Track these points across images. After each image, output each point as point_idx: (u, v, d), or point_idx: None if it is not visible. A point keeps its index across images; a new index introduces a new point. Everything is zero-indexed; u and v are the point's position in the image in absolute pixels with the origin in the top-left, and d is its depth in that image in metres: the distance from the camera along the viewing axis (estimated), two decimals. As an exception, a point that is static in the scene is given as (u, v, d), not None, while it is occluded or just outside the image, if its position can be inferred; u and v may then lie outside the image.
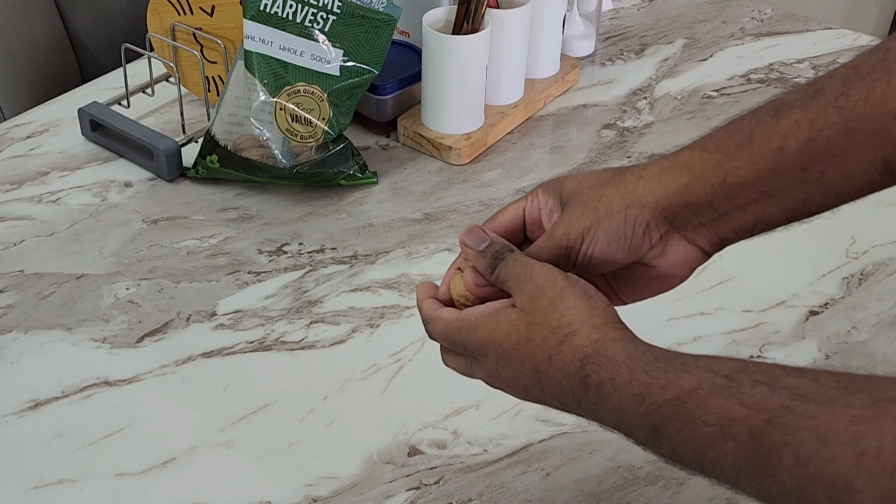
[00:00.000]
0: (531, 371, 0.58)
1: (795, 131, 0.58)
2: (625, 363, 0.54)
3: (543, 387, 0.58)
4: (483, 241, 0.63)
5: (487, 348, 0.60)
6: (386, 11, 0.98)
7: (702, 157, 0.61)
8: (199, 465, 0.77)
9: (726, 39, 1.34)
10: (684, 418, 0.51)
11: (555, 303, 0.58)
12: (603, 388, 0.54)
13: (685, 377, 0.52)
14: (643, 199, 0.62)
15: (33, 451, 0.78)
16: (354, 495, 0.75)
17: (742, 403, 0.49)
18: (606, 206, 0.62)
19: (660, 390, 0.52)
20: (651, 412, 0.52)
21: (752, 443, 0.48)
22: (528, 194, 0.67)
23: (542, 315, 0.58)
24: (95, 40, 1.36)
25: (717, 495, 0.75)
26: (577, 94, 1.22)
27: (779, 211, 0.61)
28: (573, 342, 0.56)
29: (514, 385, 0.60)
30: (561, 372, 0.56)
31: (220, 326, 0.89)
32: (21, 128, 1.13)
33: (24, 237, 0.98)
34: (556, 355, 0.57)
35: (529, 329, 0.58)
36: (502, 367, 0.60)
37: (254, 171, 1.01)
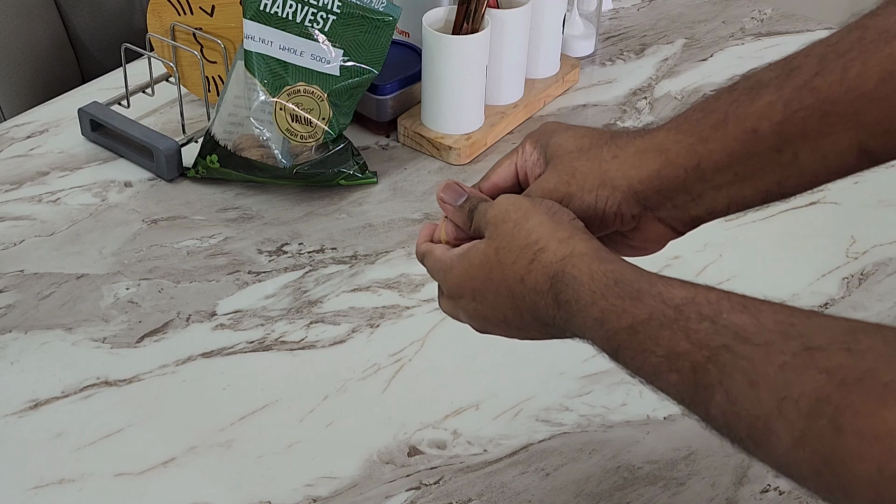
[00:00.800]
0: (507, 297, 0.59)
1: (770, 112, 0.58)
2: (587, 284, 0.55)
3: (522, 312, 0.59)
4: (460, 197, 0.65)
5: (462, 287, 0.61)
6: (386, 11, 0.98)
7: (676, 140, 0.61)
8: (199, 465, 0.77)
9: (726, 39, 1.34)
10: (636, 347, 0.53)
11: (520, 223, 0.59)
12: (570, 307, 0.56)
13: (639, 306, 0.53)
14: (616, 182, 0.62)
15: (33, 451, 0.78)
16: (354, 495, 0.75)
17: (687, 338, 0.51)
18: (579, 183, 0.63)
19: (616, 318, 0.54)
20: (609, 337, 0.54)
21: (693, 377, 0.50)
22: (518, 146, 0.68)
23: (509, 238, 0.59)
24: (95, 40, 1.36)
25: (717, 495, 0.75)
26: (577, 94, 1.22)
27: (753, 192, 0.60)
28: (542, 259, 0.57)
29: (494, 320, 0.61)
30: (535, 291, 0.58)
31: (220, 326, 0.89)
32: (21, 128, 1.13)
33: (24, 237, 0.98)
34: (527, 275, 0.58)
35: (499, 254, 0.59)
36: (480, 303, 0.61)
37: (254, 171, 1.01)
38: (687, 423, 0.80)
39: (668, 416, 0.81)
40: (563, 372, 0.84)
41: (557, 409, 0.82)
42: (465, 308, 0.63)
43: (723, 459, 0.77)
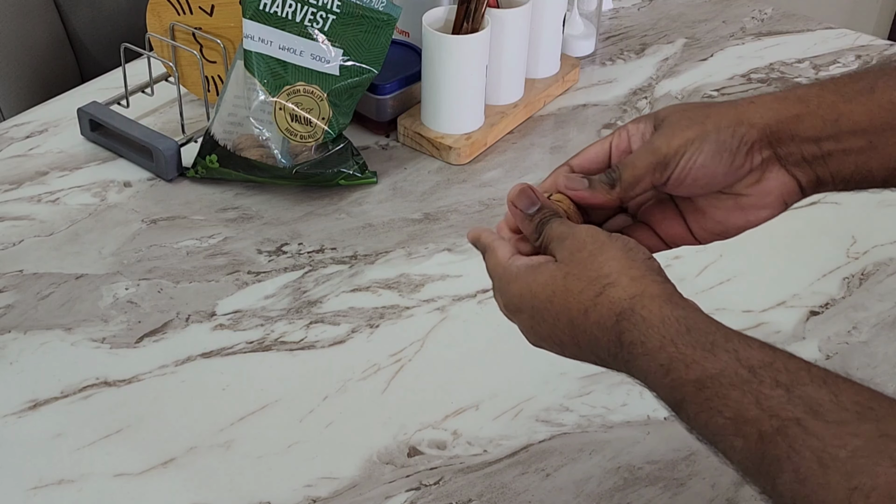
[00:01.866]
0: (567, 325, 0.58)
1: None
2: (657, 327, 0.54)
3: (579, 341, 0.58)
4: (533, 205, 0.62)
5: (523, 301, 0.60)
6: (386, 11, 0.98)
7: (819, 94, 0.61)
8: (198, 465, 0.77)
9: (727, 39, 1.34)
10: (702, 404, 0.51)
11: (594, 255, 0.57)
12: (635, 349, 0.54)
13: (711, 360, 0.52)
14: (752, 120, 0.61)
15: (33, 451, 0.77)
16: (354, 496, 0.75)
17: (758, 404, 0.49)
18: (715, 122, 0.61)
19: (685, 368, 0.52)
20: (674, 387, 0.52)
21: (760, 446, 0.48)
22: (616, 129, 0.66)
23: (580, 266, 0.58)
24: (95, 40, 1.36)
25: (718, 496, 0.75)
26: (577, 94, 1.22)
27: (879, 168, 0.60)
28: (611, 294, 0.56)
29: (549, 340, 0.60)
30: (597, 325, 0.56)
31: (219, 326, 0.88)
32: (20, 127, 1.13)
33: (24, 237, 0.98)
34: (592, 308, 0.56)
35: (567, 280, 0.57)
36: (538, 322, 0.59)
37: (253, 170, 1.01)
38: (687, 424, 0.80)
39: (669, 417, 0.80)
40: (563, 372, 0.84)
41: (558, 409, 0.82)
42: (521, 321, 0.62)
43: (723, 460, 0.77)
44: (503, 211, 1.01)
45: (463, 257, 0.96)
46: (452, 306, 0.91)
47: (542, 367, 0.85)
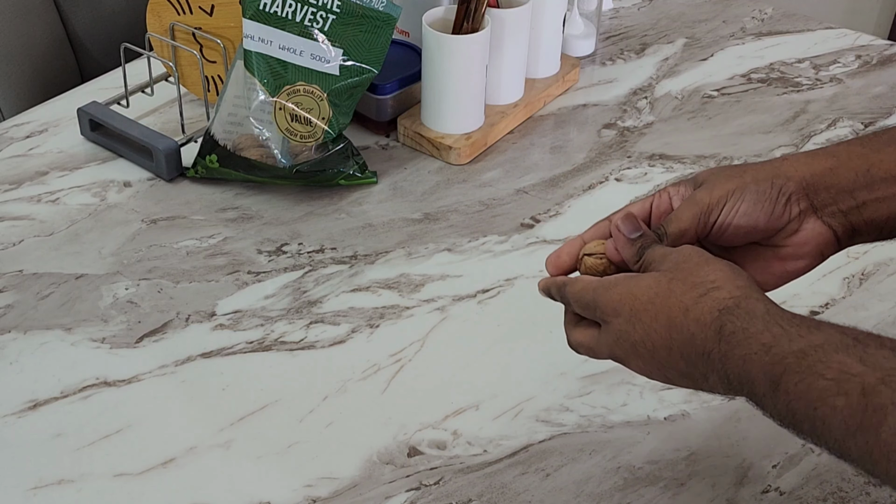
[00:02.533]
0: (664, 325, 0.59)
1: None
2: (762, 316, 0.55)
3: (672, 343, 0.58)
4: (637, 230, 0.65)
5: (622, 304, 0.61)
6: (386, 11, 0.98)
7: (847, 148, 0.65)
8: (198, 465, 0.77)
9: (727, 39, 1.34)
10: (804, 370, 0.52)
11: (700, 265, 0.60)
12: (735, 338, 0.55)
13: (816, 333, 0.53)
14: (788, 173, 0.65)
15: (32, 451, 0.77)
16: (354, 496, 0.74)
17: (862, 361, 0.50)
18: (753, 175, 0.65)
19: (788, 342, 0.53)
20: (775, 362, 0.53)
21: (862, 399, 0.49)
22: (657, 191, 0.69)
23: (685, 273, 0.60)
24: (95, 40, 1.36)
25: (718, 496, 0.75)
26: (577, 94, 1.22)
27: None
28: (715, 295, 0.57)
29: (641, 348, 0.60)
30: (696, 323, 0.57)
31: (219, 326, 0.88)
32: (20, 127, 1.13)
33: (24, 237, 0.98)
34: (693, 306, 0.58)
35: (671, 283, 0.59)
36: (633, 325, 0.60)
37: (253, 170, 1.01)
38: (687, 424, 0.80)
39: (669, 417, 0.81)
40: (563, 372, 0.84)
41: (558, 409, 0.82)
42: (612, 330, 0.62)
43: (723, 460, 0.77)
44: (503, 211, 1.02)
45: (463, 257, 0.96)
46: (452, 306, 0.91)
47: (542, 367, 0.85)
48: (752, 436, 0.79)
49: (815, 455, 0.78)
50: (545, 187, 1.06)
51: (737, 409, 0.82)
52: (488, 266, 0.96)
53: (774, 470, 0.77)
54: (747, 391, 0.56)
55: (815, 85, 1.24)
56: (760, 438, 0.79)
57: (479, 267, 0.96)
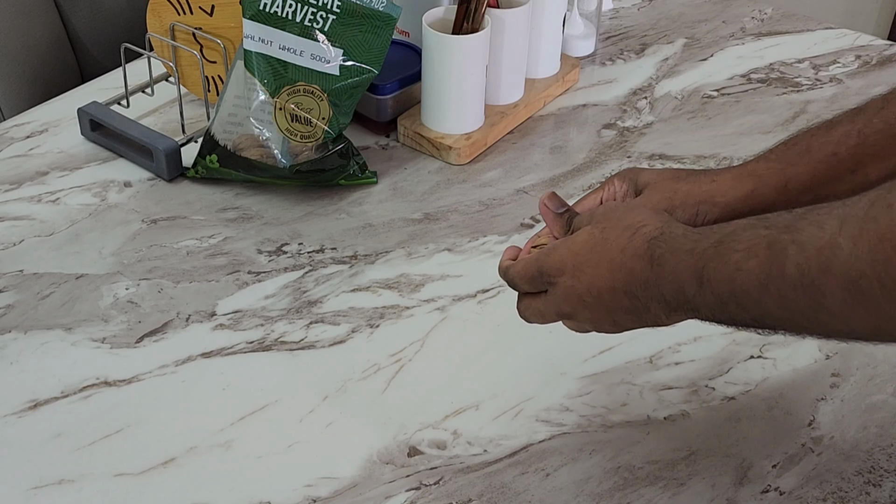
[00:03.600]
0: (606, 269, 0.63)
1: (846, 139, 0.69)
2: (684, 234, 0.61)
3: (615, 283, 0.63)
4: (562, 206, 0.72)
5: (564, 263, 0.65)
6: (386, 11, 0.98)
7: (766, 166, 0.71)
8: (198, 465, 0.77)
9: (726, 39, 1.34)
10: (721, 255, 0.56)
11: (627, 212, 0.65)
12: (664, 258, 0.60)
13: (728, 226, 0.58)
14: (715, 199, 0.71)
15: (33, 451, 0.77)
16: (354, 495, 0.75)
17: (767, 226, 0.55)
18: (681, 200, 0.71)
19: (705, 239, 0.58)
20: (696, 259, 0.58)
21: (769, 252, 0.54)
22: (604, 183, 0.77)
23: (615, 220, 0.65)
24: (95, 40, 1.36)
25: (717, 496, 0.75)
26: (577, 94, 1.22)
27: None
28: (643, 231, 0.63)
29: (588, 298, 0.64)
30: (633, 257, 0.62)
31: (219, 326, 0.88)
32: (20, 127, 1.13)
33: (24, 237, 0.98)
34: (628, 245, 0.62)
35: (604, 232, 0.64)
36: (578, 278, 0.65)
37: (253, 170, 1.01)
38: (687, 424, 0.80)
39: (669, 417, 0.81)
40: (563, 372, 0.84)
41: (558, 409, 0.82)
42: (560, 289, 0.66)
43: (723, 460, 0.77)
44: (503, 211, 1.02)
45: (463, 257, 0.97)
46: (452, 306, 0.91)
47: (542, 367, 0.85)
48: (752, 436, 0.79)
49: (815, 455, 0.78)
50: (545, 187, 1.06)
51: (737, 409, 0.82)
52: (488, 266, 0.96)
53: (774, 470, 0.77)
54: (683, 303, 0.60)
55: (815, 85, 1.24)
56: (760, 438, 0.79)
57: (479, 267, 0.96)
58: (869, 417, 0.81)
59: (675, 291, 0.60)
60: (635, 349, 0.86)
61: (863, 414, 0.81)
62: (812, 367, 0.86)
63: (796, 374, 0.85)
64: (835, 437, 0.79)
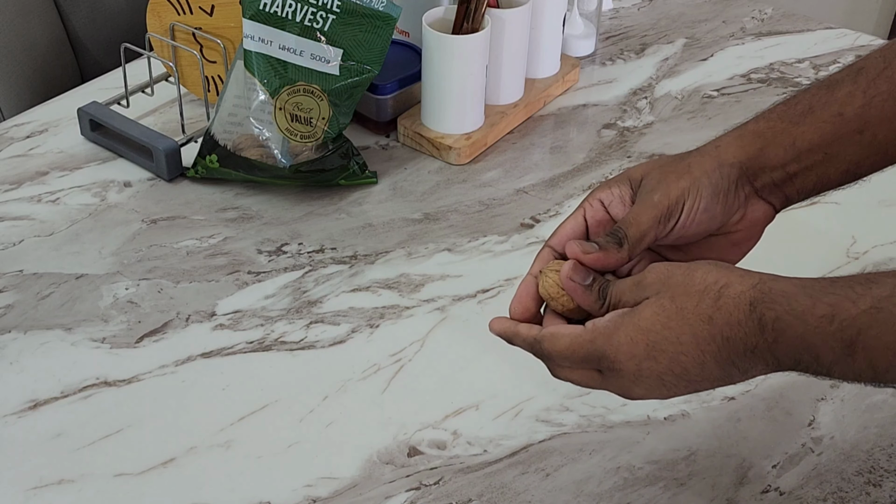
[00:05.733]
0: (690, 343, 0.58)
1: (850, 100, 0.66)
2: (800, 292, 0.55)
3: (705, 357, 0.58)
4: (588, 276, 0.64)
5: (635, 345, 0.59)
6: (386, 11, 0.98)
7: (769, 126, 0.68)
8: (198, 465, 0.77)
9: (727, 39, 1.34)
10: (884, 321, 0.52)
11: (689, 275, 0.59)
12: (781, 322, 0.55)
13: (876, 288, 0.53)
14: (729, 160, 0.67)
15: (33, 451, 0.77)
16: (354, 495, 0.75)
17: None
18: (700, 168, 0.66)
19: (852, 304, 0.53)
20: (844, 328, 0.53)
21: None
22: (583, 202, 0.69)
23: (682, 287, 0.58)
24: (95, 40, 1.36)
25: (717, 496, 0.75)
26: (577, 94, 1.22)
27: (836, 172, 0.67)
28: (730, 293, 0.57)
29: (668, 375, 0.59)
30: (728, 325, 0.56)
31: (219, 326, 0.88)
32: (20, 127, 1.13)
33: (24, 237, 0.98)
34: (716, 313, 0.57)
35: (675, 302, 0.58)
36: (655, 360, 0.59)
37: (253, 170, 1.01)
38: (687, 424, 0.80)
39: (669, 417, 0.81)
40: (563, 372, 0.84)
41: (558, 409, 0.82)
42: (631, 371, 0.60)
43: (723, 460, 0.77)
44: (503, 211, 1.02)
45: (463, 257, 0.97)
46: (452, 306, 0.91)
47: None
48: (752, 436, 0.79)
49: (815, 455, 0.78)
50: (545, 187, 1.06)
51: (737, 409, 0.82)
52: (488, 266, 0.96)
53: (774, 470, 0.77)
54: (804, 366, 0.56)
55: (815, 85, 1.24)
56: (760, 438, 0.79)
57: (479, 267, 0.96)
58: (869, 417, 0.81)
59: (797, 357, 0.55)
60: (635, 349, 0.86)
61: (863, 414, 0.81)
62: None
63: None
64: (835, 437, 0.79)
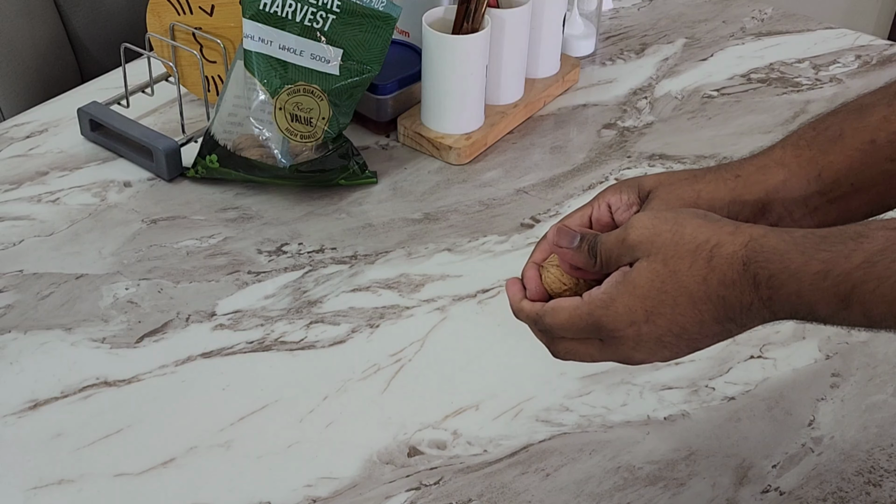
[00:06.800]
0: (687, 304, 0.57)
1: (885, 124, 0.62)
2: (791, 250, 0.54)
3: (703, 316, 0.57)
4: (575, 238, 0.63)
5: (633, 313, 0.59)
6: (385, 11, 0.98)
7: (795, 154, 0.65)
8: (198, 465, 0.77)
9: (726, 39, 1.34)
10: (879, 276, 0.51)
11: (677, 232, 0.58)
12: (776, 280, 0.54)
13: (868, 242, 0.52)
14: (744, 197, 0.64)
15: (33, 451, 0.77)
16: (354, 495, 0.75)
17: None
18: (708, 202, 0.64)
19: (845, 260, 0.52)
20: (838, 283, 0.52)
21: None
22: (593, 200, 0.68)
23: (672, 247, 0.57)
24: (95, 40, 1.36)
25: (717, 496, 0.75)
26: (577, 94, 1.22)
27: (860, 205, 0.64)
28: (722, 252, 0.56)
29: (667, 336, 0.59)
30: (722, 285, 0.56)
31: (219, 326, 0.88)
32: (20, 127, 1.13)
33: (24, 237, 0.98)
34: (710, 273, 0.56)
35: (667, 264, 0.57)
36: (654, 323, 0.58)
37: (253, 170, 1.01)
38: (687, 424, 0.80)
39: (669, 417, 0.81)
40: (563, 372, 0.84)
41: (558, 409, 0.82)
42: (631, 337, 0.60)
43: (723, 460, 0.77)
44: (503, 211, 1.02)
45: (463, 257, 0.97)
46: (452, 306, 0.91)
47: (542, 367, 0.85)
48: (752, 436, 0.79)
49: (815, 455, 0.78)
50: (545, 187, 1.06)
51: (737, 409, 0.82)
52: (488, 266, 0.96)
53: (774, 470, 0.77)
54: (800, 318, 0.55)
55: (815, 85, 1.24)
56: (760, 438, 0.79)
57: (479, 267, 0.96)
58: (869, 417, 0.81)
59: (793, 311, 0.55)
60: (635, 349, 0.86)
61: (863, 414, 0.81)
62: (812, 367, 0.86)
63: (796, 374, 0.85)
64: (835, 437, 0.79)
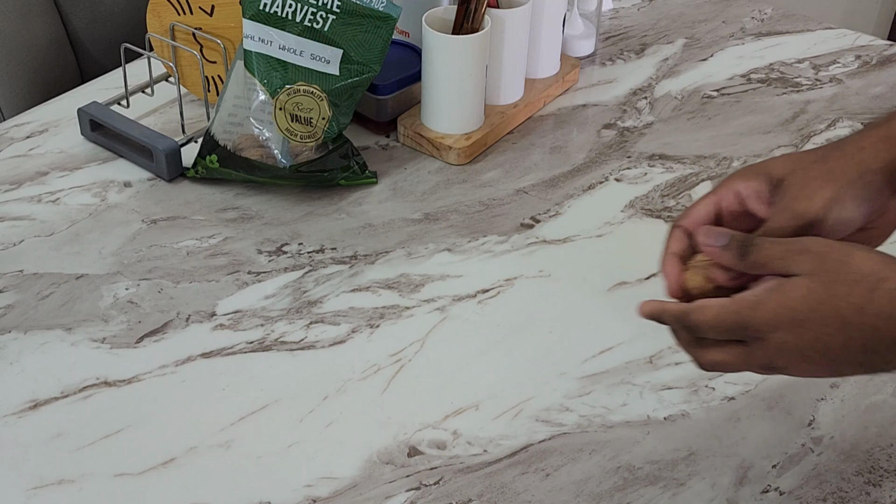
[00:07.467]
0: (837, 326, 0.59)
1: None
2: None
3: (851, 342, 0.59)
4: (724, 237, 0.65)
5: (779, 318, 0.60)
6: (385, 11, 0.98)
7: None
8: (198, 465, 0.77)
9: (726, 39, 1.34)
10: None
11: (845, 262, 0.60)
12: None
13: None
14: (874, 167, 0.66)
15: (33, 451, 0.77)
16: (354, 496, 0.75)
17: None
18: (845, 177, 0.66)
19: None
20: None
21: None
22: (717, 188, 0.70)
23: (836, 274, 0.59)
24: (95, 40, 1.36)
25: (717, 496, 0.75)
26: (577, 94, 1.22)
27: None
28: (886, 287, 0.58)
29: (810, 351, 0.60)
30: (879, 317, 0.58)
31: (219, 326, 0.88)
32: (20, 128, 1.13)
33: (24, 237, 0.98)
34: (868, 304, 0.58)
35: (828, 288, 0.59)
36: (799, 334, 0.60)
37: (253, 170, 1.01)
38: (687, 424, 0.80)
39: (669, 417, 0.81)
40: (563, 372, 0.84)
41: (557, 409, 0.82)
42: (771, 344, 0.61)
43: (723, 460, 0.77)
44: (503, 211, 1.02)
45: (463, 257, 0.97)
46: (452, 306, 0.91)
47: (542, 367, 0.85)
48: (752, 436, 0.79)
49: (815, 455, 0.78)
50: (545, 187, 1.06)
51: (737, 409, 0.82)
52: (488, 266, 0.96)
53: (774, 470, 0.77)
54: None
55: (815, 85, 1.24)
56: (760, 438, 0.79)
57: (479, 267, 0.96)
58: (869, 417, 0.81)
59: None
60: (635, 349, 0.86)
61: (863, 414, 0.81)
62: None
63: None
64: (835, 437, 0.79)
